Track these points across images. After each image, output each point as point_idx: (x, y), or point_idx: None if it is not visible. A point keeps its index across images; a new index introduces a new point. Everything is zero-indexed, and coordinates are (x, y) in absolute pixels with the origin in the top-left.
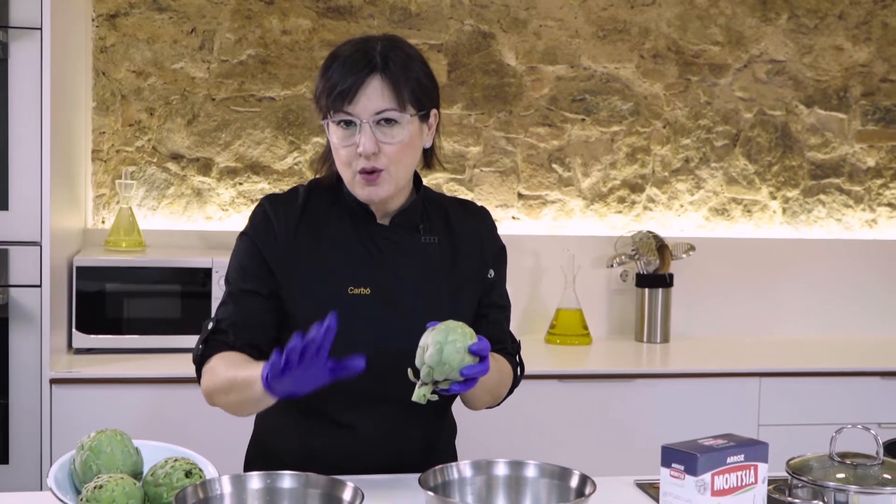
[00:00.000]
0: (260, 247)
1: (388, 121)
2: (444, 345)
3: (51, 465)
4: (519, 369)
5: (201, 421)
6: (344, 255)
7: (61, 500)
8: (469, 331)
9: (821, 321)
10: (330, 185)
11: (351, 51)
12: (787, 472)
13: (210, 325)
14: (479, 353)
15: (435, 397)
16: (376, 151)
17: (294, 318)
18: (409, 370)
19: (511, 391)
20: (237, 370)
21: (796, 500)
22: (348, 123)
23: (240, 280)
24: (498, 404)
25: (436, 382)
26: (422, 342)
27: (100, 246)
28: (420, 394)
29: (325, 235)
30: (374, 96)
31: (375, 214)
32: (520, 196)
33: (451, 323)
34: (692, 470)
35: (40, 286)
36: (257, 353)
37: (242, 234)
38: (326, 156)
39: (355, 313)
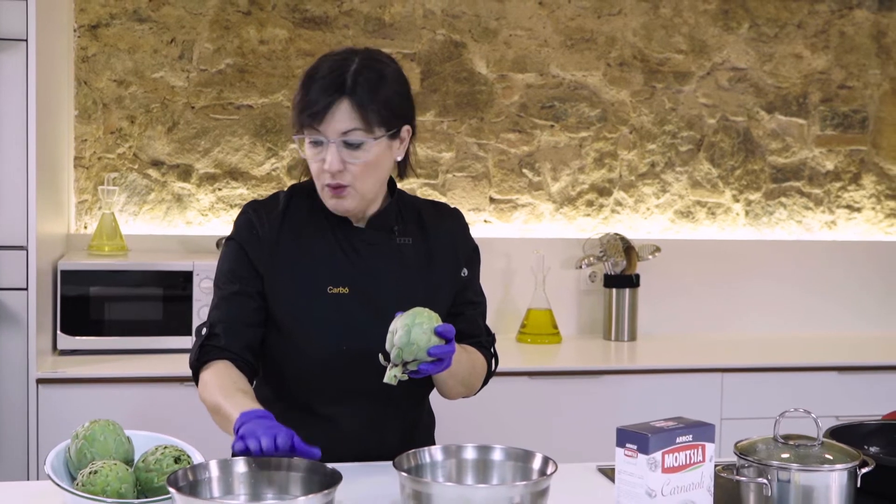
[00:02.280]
0: (246, 249)
1: (354, 142)
2: (411, 327)
3: (38, 461)
4: (493, 361)
5: (183, 418)
6: (323, 256)
7: (58, 485)
8: (435, 315)
9: (781, 319)
10: (308, 191)
11: (327, 70)
12: (735, 454)
13: (204, 331)
14: (445, 334)
15: (405, 377)
16: (341, 169)
17: (276, 316)
18: (380, 354)
19: (486, 382)
20: (224, 397)
21: (742, 479)
22: (317, 141)
23: (228, 283)
24: (474, 394)
25: (405, 364)
26: (391, 327)
27: (83, 251)
28: (391, 375)
29: (306, 238)
30: (341, 118)
31: (351, 219)
32: (491, 200)
33: (417, 309)
34: (644, 449)
35: (27, 289)
36: (250, 355)
37: (228, 239)
38: (305, 160)
39: (335, 311)
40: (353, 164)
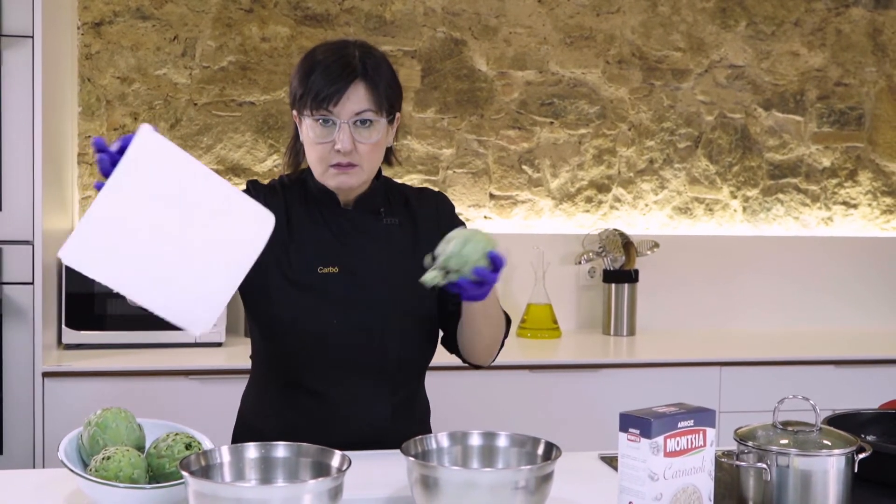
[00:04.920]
0: None
1: (365, 122)
2: (469, 241)
3: (44, 452)
4: (506, 323)
5: (187, 411)
6: (313, 238)
7: (72, 471)
8: (494, 241)
9: (778, 314)
10: (296, 178)
11: (332, 58)
12: (735, 439)
13: None
14: (496, 261)
15: (444, 283)
16: (352, 149)
17: (267, 294)
18: (429, 255)
19: (502, 345)
20: None
21: (742, 464)
22: (326, 121)
23: None
24: (492, 360)
25: (448, 273)
26: (448, 236)
27: None
28: (431, 276)
29: (297, 221)
30: (355, 99)
31: (340, 201)
32: (491, 196)
33: (478, 229)
34: (647, 433)
35: (33, 283)
36: None
37: None
38: (292, 149)
39: (325, 289)
40: (362, 144)
